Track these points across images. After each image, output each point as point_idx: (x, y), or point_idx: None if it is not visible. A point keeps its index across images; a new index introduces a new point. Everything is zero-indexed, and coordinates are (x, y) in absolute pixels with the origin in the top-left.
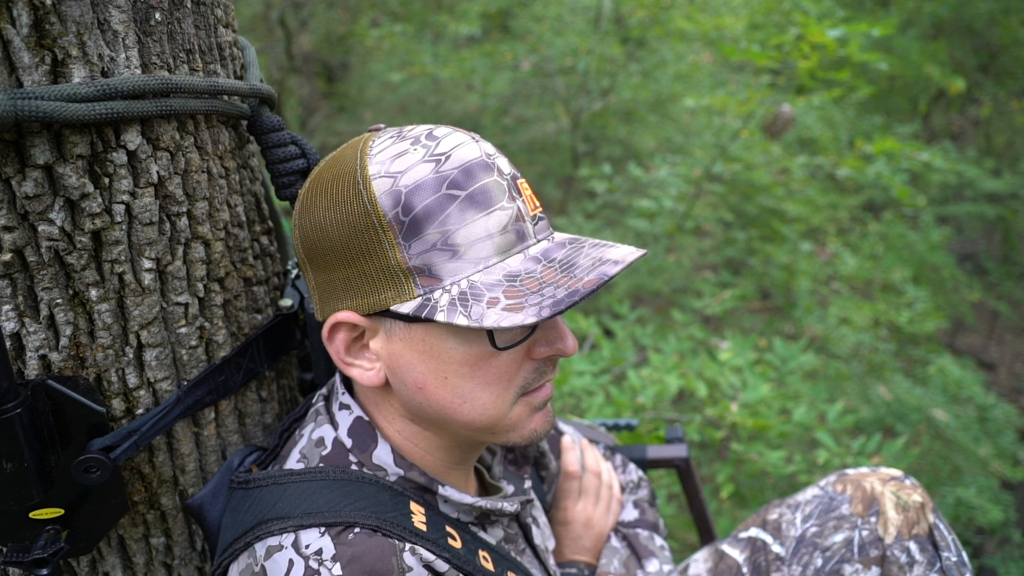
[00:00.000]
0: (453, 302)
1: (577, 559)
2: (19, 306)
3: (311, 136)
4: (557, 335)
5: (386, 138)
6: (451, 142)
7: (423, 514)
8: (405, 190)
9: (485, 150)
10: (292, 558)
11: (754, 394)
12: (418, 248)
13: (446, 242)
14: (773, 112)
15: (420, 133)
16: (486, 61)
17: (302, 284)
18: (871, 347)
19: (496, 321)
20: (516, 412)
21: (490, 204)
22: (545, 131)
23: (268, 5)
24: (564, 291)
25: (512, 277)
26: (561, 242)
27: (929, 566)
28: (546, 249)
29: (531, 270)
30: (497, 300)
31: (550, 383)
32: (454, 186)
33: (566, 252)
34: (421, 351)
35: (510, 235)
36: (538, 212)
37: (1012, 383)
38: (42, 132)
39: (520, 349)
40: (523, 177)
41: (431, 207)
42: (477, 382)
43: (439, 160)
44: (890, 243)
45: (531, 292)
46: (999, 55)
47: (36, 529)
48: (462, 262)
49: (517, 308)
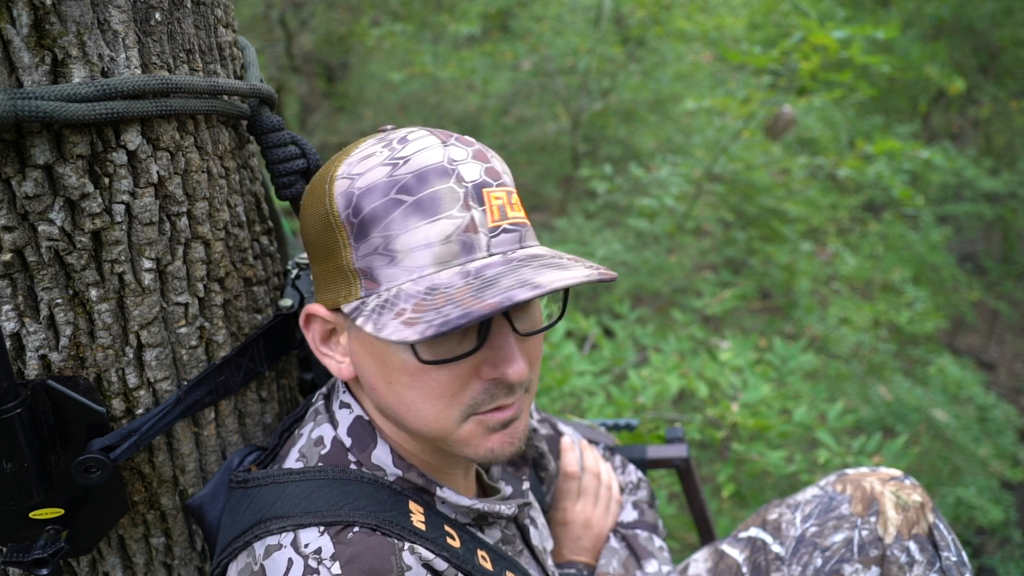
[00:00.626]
0: (375, 309)
1: (576, 559)
2: (19, 306)
3: (311, 136)
4: (503, 358)
5: (373, 139)
6: (417, 146)
7: (422, 513)
8: (358, 192)
9: (450, 155)
10: (291, 557)
11: (754, 394)
12: (364, 250)
13: (387, 247)
14: (774, 113)
15: (398, 136)
16: (486, 61)
17: (302, 284)
18: (871, 347)
19: (388, 334)
20: (466, 429)
21: (436, 212)
22: (545, 131)
23: (268, 5)
24: (459, 312)
25: (431, 290)
26: (514, 258)
27: (929, 566)
28: (486, 264)
29: (450, 285)
30: (403, 312)
31: (515, 406)
32: (403, 191)
33: (503, 270)
34: (370, 353)
35: (453, 246)
36: (504, 224)
37: (1012, 383)
38: (42, 132)
39: (462, 366)
40: (505, 186)
41: (377, 210)
42: (418, 392)
43: (396, 164)
44: (890, 243)
45: (433, 308)
46: (999, 56)
47: (36, 529)
48: (398, 269)
49: (412, 323)
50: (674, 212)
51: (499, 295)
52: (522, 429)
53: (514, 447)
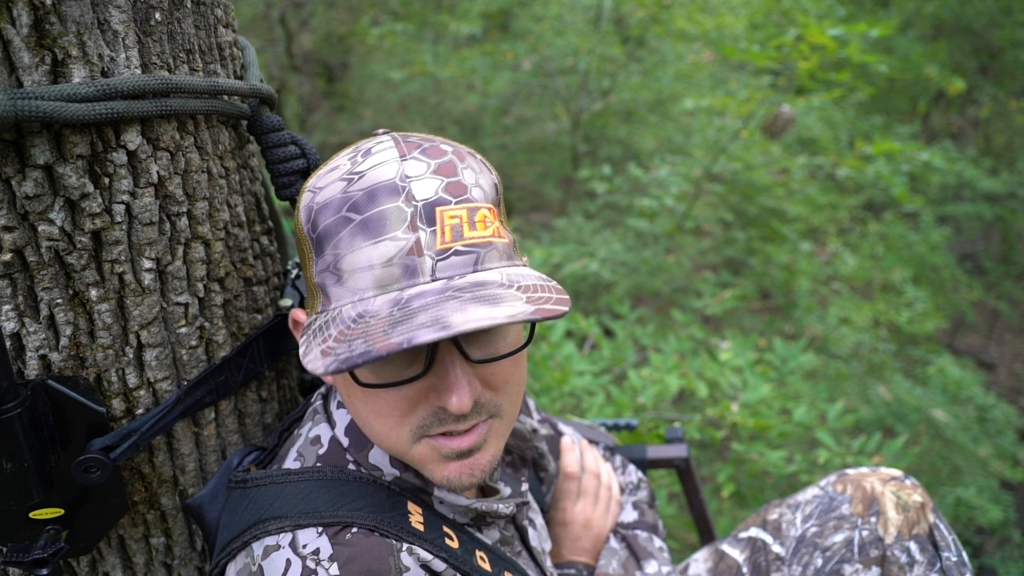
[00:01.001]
0: (315, 329)
1: (576, 560)
2: (19, 306)
3: (311, 135)
4: (445, 387)
5: (350, 149)
6: (375, 160)
7: (420, 514)
8: (316, 207)
9: (405, 171)
10: (289, 558)
11: (754, 394)
12: (320, 266)
13: (336, 266)
14: (773, 113)
15: (365, 147)
16: (487, 60)
17: (302, 284)
18: (871, 347)
19: (307, 362)
20: (420, 451)
21: (381, 232)
22: (545, 131)
23: (269, 4)
24: (363, 348)
25: (359, 318)
26: (453, 287)
27: (929, 566)
28: (420, 292)
29: (376, 314)
30: (327, 339)
31: (473, 434)
32: (353, 209)
33: (431, 301)
34: None
35: (394, 269)
36: (456, 246)
37: (1012, 383)
38: (42, 132)
39: (409, 388)
40: (470, 202)
41: (329, 227)
42: (370, 410)
43: (351, 179)
44: (890, 243)
45: (347, 340)
46: (999, 56)
47: (36, 529)
48: (343, 289)
49: (328, 353)
50: (674, 212)
51: (403, 335)
52: (487, 460)
53: (475, 479)
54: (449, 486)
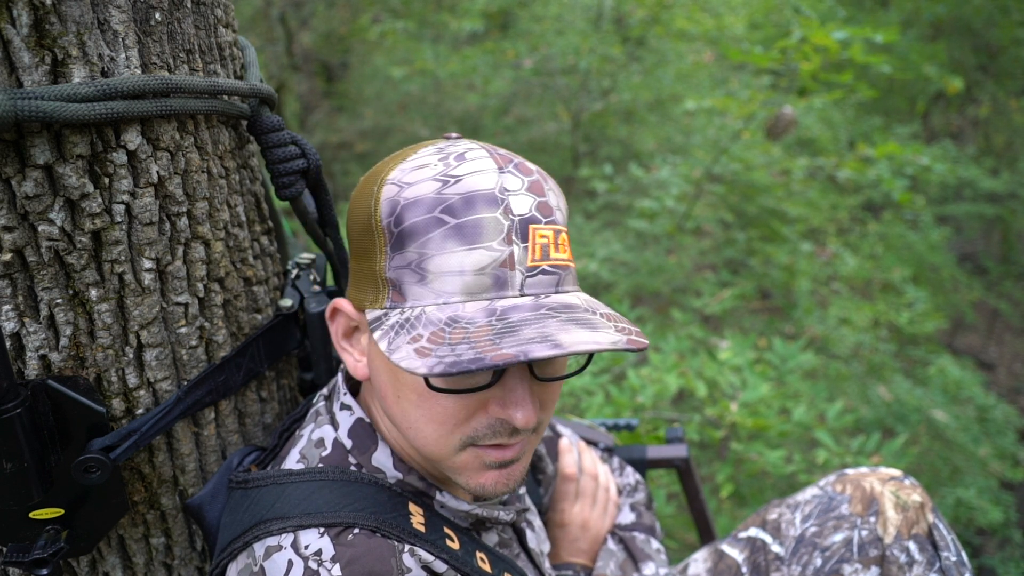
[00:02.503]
0: (394, 326)
1: (573, 561)
2: (19, 306)
3: (311, 135)
4: (513, 401)
5: (433, 148)
6: (472, 167)
7: (422, 515)
8: (403, 202)
9: (504, 184)
10: (291, 558)
11: (754, 393)
12: (398, 262)
13: (420, 265)
14: (775, 114)
15: (457, 151)
16: (488, 59)
17: (302, 284)
18: (871, 347)
19: (398, 359)
20: (463, 459)
21: (476, 240)
22: (545, 131)
23: (269, 3)
24: (472, 355)
25: (452, 321)
26: (544, 304)
27: (928, 566)
28: (514, 306)
29: (472, 320)
30: (419, 339)
31: (517, 447)
32: (448, 212)
33: (529, 316)
34: (385, 362)
35: (485, 278)
36: (544, 264)
37: (1012, 383)
38: (42, 132)
39: (471, 397)
40: (555, 224)
41: (418, 225)
42: (422, 413)
43: (447, 181)
44: (890, 243)
45: (449, 344)
46: (998, 55)
47: (36, 529)
48: (426, 289)
49: (424, 353)
50: (674, 213)
51: (516, 347)
52: (520, 471)
53: (508, 488)
54: (483, 494)
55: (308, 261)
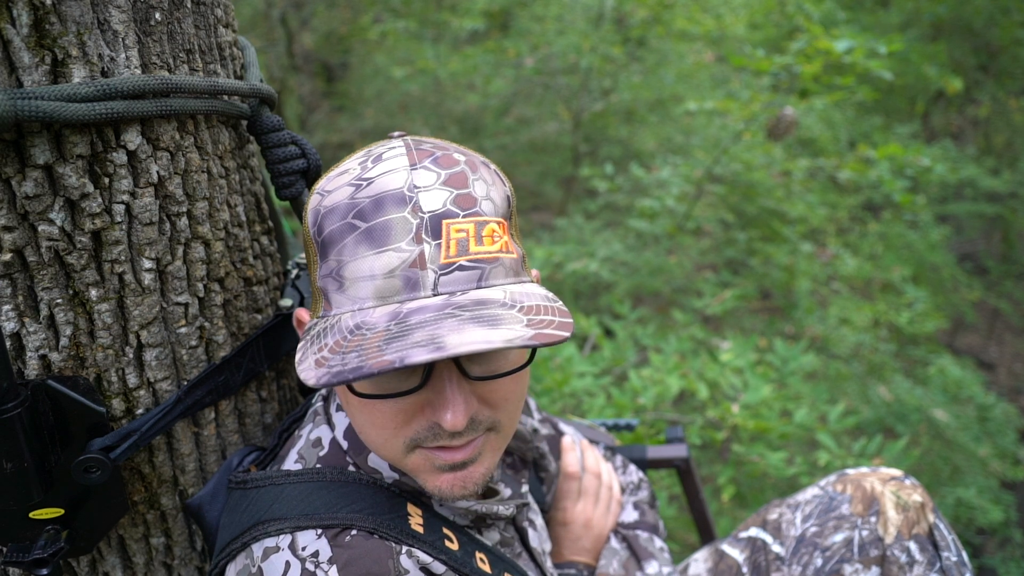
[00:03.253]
0: (313, 336)
1: (576, 560)
2: (19, 306)
3: (311, 135)
4: (440, 404)
5: (361, 152)
6: (384, 167)
7: (420, 516)
8: (323, 211)
9: (413, 181)
10: (289, 560)
11: (755, 395)
12: (324, 271)
13: (338, 272)
14: (776, 115)
15: (376, 152)
16: (489, 58)
17: (302, 284)
18: (871, 347)
19: (300, 371)
20: (414, 461)
21: (385, 243)
22: (545, 131)
23: (270, 4)
24: (355, 363)
25: (356, 329)
26: (454, 303)
27: (929, 566)
28: (420, 307)
29: (373, 326)
30: (323, 348)
31: (468, 448)
32: (359, 216)
33: (430, 318)
34: None
35: (395, 281)
36: (461, 260)
37: (1012, 383)
38: (42, 132)
39: (405, 400)
40: (479, 215)
41: (334, 233)
42: (366, 418)
43: (360, 185)
44: (890, 243)
45: (343, 352)
46: (998, 55)
47: (36, 529)
48: (344, 297)
49: (321, 364)
50: (674, 213)
51: (396, 353)
52: (480, 473)
53: (466, 491)
54: (441, 496)
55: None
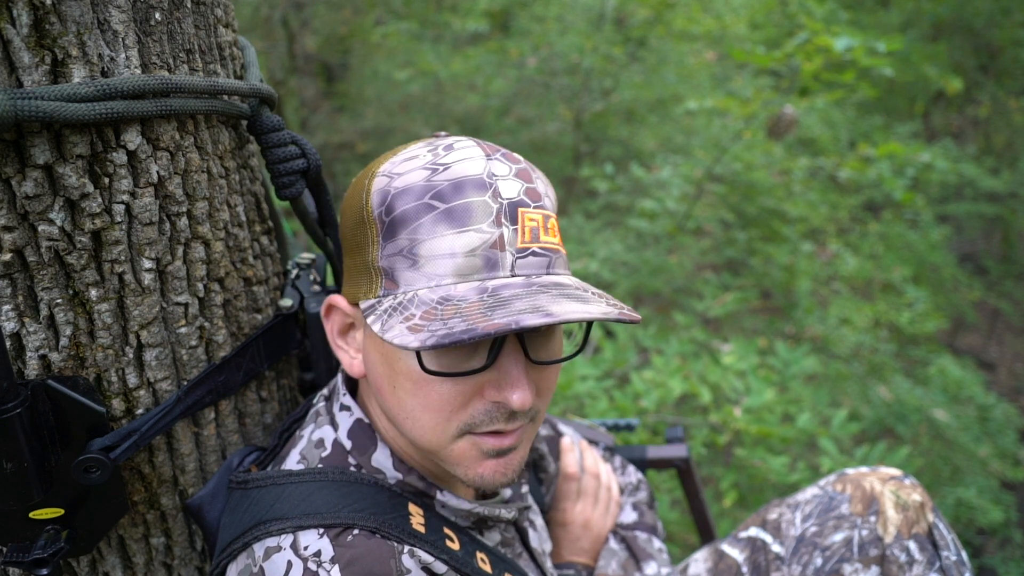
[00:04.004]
0: (387, 310)
1: (575, 560)
2: (19, 306)
3: (312, 135)
4: (508, 382)
5: (422, 143)
6: (460, 155)
7: (421, 515)
8: (393, 191)
9: (491, 169)
10: (291, 559)
11: (758, 399)
12: (390, 250)
13: (411, 250)
14: (776, 114)
15: (445, 143)
16: (491, 58)
17: (302, 284)
18: (871, 348)
19: (391, 336)
20: (460, 447)
21: (466, 223)
22: (546, 131)
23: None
24: (463, 326)
25: (444, 301)
26: (536, 283)
27: (928, 565)
28: (505, 284)
29: (464, 298)
30: (411, 318)
31: (515, 435)
32: (437, 197)
33: (521, 292)
34: (380, 353)
35: (476, 260)
36: (534, 247)
37: (1012, 383)
38: (42, 132)
39: (467, 383)
40: (544, 209)
41: (408, 212)
42: (418, 402)
43: (436, 169)
44: (890, 243)
45: (441, 319)
46: (998, 55)
47: (36, 529)
48: (418, 274)
49: (416, 330)
50: (675, 213)
51: (508, 317)
52: (518, 461)
53: (507, 478)
54: (482, 484)
55: (308, 261)
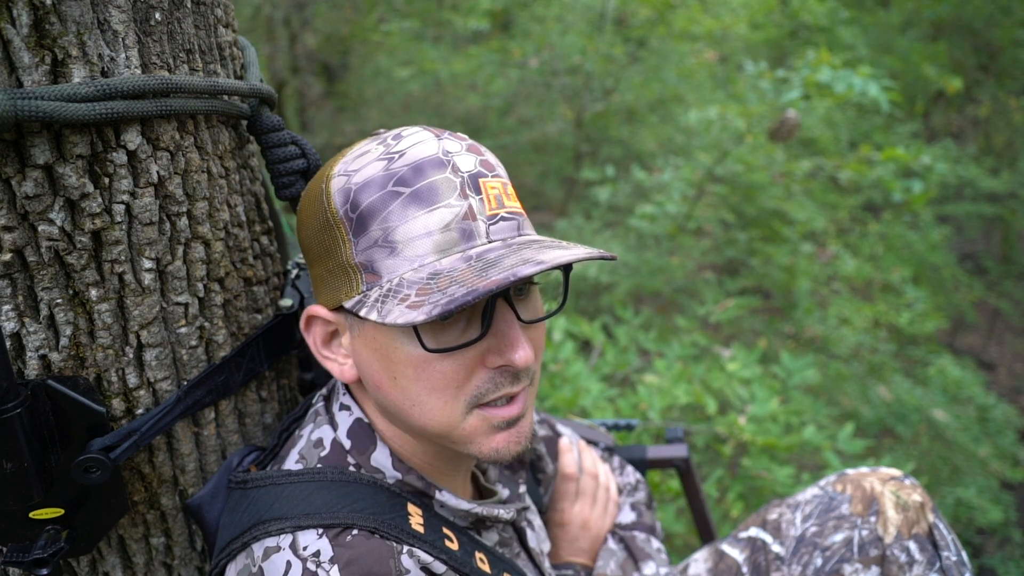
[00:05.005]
0: (378, 299)
1: (573, 561)
2: (19, 306)
3: (313, 136)
4: (508, 344)
5: (367, 140)
6: (410, 141)
7: (420, 516)
8: (355, 187)
9: (444, 147)
10: (290, 559)
11: (763, 408)
12: (363, 244)
13: (386, 239)
14: (779, 118)
15: (391, 134)
16: (493, 58)
17: (302, 284)
18: (871, 347)
19: (394, 318)
20: (471, 424)
21: (434, 201)
22: (546, 131)
23: (274, 5)
24: (465, 289)
25: (433, 276)
26: (514, 243)
27: (929, 565)
28: (487, 249)
29: (453, 269)
30: (407, 297)
31: (520, 402)
32: (400, 183)
33: (505, 252)
34: (374, 349)
35: (452, 233)
36: (502, 212)
37: (1012, 383)
38: (42, 132)
39: (467, 355)
40: (500, 177)
41: (375, 204)
42: (423, 386)
43: (392, 158)
44: (890, 243)
45: (438, 290)
46: (998, 55)
47: (36, 529)
48: (399, 259)
49: (417, 306)
50: (676, 215)
51: (503, 272)
52: (528, 428)
53: (520, 446)
54: (497, 457)
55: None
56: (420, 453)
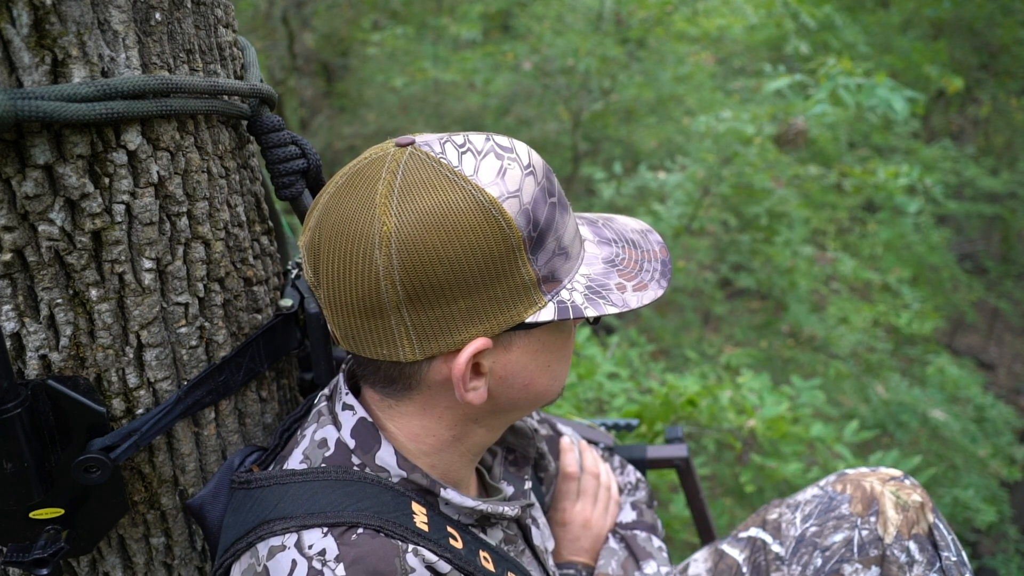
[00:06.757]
0: (587, 297)
1: (575, 560)
2: (19, 306)
3: (313, 136)
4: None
5: (458, 154)
6: (523, 149)
7: (425, 514)
8: (530, 207)
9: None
10: (295, 558)
11: (773, 410)
12: (543, 259)
13: (560, 247)
14: (786, 124)
15: (489, 146)
16: (488, 62)
17: (302, 284)
18: (869, 347)
19: (640, 301)
20: None
21: (566, 203)
22: (545, 131)
23: (272, 3)
24: (656, 263)
25: (609, 262)
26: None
27: (929, 566)
28: (593, 230)
29: (615, 252)
30: (623, 286)
31: None
32: (551, 194)
33: (604, 228)
34: (535, 351)
35: (578, 224)
36: None
37: (1011, 383)
38: (42, 132)
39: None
40: None
41: (548, 218)
42: (566, 359)
43: (533, 171)
44: (889, 243)
45: (637, 271)
46: (999, 54)
47: (36, 529)
48: (571, 261)
49: (642, 287)
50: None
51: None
52: None
53: None
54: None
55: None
56: (426, 451)
